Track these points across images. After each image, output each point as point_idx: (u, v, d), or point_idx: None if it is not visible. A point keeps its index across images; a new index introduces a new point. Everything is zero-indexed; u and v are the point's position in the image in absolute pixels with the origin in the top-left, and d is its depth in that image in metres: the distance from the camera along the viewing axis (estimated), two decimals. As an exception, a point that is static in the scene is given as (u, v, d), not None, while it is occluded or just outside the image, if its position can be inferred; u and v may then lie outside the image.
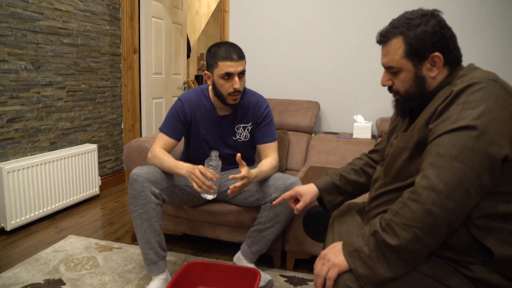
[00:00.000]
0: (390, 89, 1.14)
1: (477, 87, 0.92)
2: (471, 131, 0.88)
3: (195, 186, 1.60)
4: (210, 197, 1.64)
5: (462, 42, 1.13)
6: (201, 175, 1.59)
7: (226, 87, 1.74)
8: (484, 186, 0.89)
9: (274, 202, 1.45)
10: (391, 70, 1.10)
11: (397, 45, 1.07)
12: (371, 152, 1.45)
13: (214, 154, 1.64)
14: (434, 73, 1.05)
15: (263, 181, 1.82)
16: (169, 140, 1.84)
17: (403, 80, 1.09)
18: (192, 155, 2.02)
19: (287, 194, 1.43)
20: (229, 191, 1.64)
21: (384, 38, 1.10)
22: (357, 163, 1.44)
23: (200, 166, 1.62)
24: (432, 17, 1.05)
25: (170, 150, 1.85)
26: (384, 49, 1.11)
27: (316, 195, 1.40)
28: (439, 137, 0.92)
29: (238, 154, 1.62)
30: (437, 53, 1.04)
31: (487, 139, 0.87)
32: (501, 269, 0.94)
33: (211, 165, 1.62)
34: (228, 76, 1.72)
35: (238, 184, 1.62)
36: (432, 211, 0.87)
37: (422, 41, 1.03)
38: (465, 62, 1.09)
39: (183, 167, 1.69)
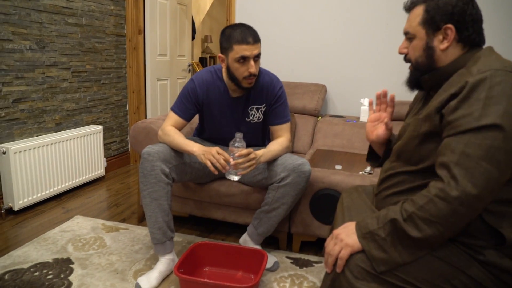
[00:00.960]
0: (405, 58, 1.15)
1: (496, 81, 0.90)
2: (497, 130, 0.87)
3: (209, 164, 1.61)
4: (236, 178, 1.64)
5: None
6: (217, 155, 1.59)
7: (241, 71, 1.70)
8: (505, 180, 0.90)
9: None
10: (407, 36, 1.12)
11: (418, 12, 1.08)
12: None
13: (239, 135, 1.63)
14: (444, 46, 1.04)
15: (272, 160, 1.82)
16: (179, 120, 1.85)
17: (415, 47, 1.10)
18: (205, 133, 2.03)
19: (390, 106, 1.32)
20: (233, 167, 1.62)
21: (411, 5, 1.12)
22: None
23: (217, 148, 1.63)
24: None
25: (180, 129, 1.86)
26: (408, 17, 1.13)
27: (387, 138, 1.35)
28: (462, 134, 0.90)
29: (230, 147, 1.62)
30: (450, 25, 1.02)
31: None
32: None
33: (236, 146, 1.62)
34: (244, 59, 1.67)
35: (241, 160, 1.60)
36: (458, 211, 0.88)
37: (439, 11, 1.03)
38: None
39: (194, 146, 1.70)
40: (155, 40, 3.55)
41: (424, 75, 1.10)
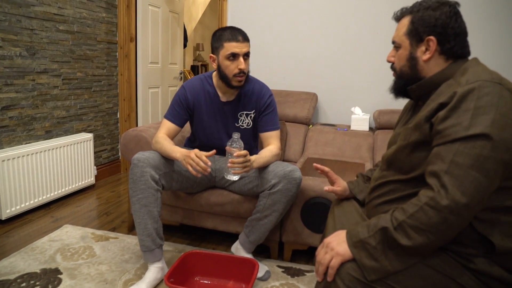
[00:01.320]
0: (392, 66, 1.19)
1: (484, 92, 0.92)
2: (486, 139, 0.88)
3: (190, 168, 1.62)
4: (235, 177, 1.65)
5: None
6: (196, 158, 1.60)
7: (231, 68, 1.77)
8: (494, 189, 0.91)
9: (326, 189, 1.41)
10: (394, 45, 1.16)
11: (404, 22, 1.12)
12: None
13: (236, 135, 1.65)
14: (426, 57, 1.08)
15: (262, 168, 1.82)
16: (172, 126, 1.89)
17: (400, 56, 1.14)
18: (197, 142, 2.05)
19: (327, 168, 1.41)
20: (228, 165, 1.60)
21: (399, 15, 1.16)
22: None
23: (196, 150, 1.64)
24: (446, 6, 1.07)
25: (173, 136, 1.90)
26: (396, 26, 1.17)
27: (347, 195, 1.42)
28: (451, 143, 0.92)
29: (227, 147, 1.62)
30: (431, 37, 1.06)
31: (502, 147, 0.88)
32: (502, 261, 0.95)
33: (234, 146, 1.62)
34: (234, 57, 1.75)
35: (238, 160, 1.59)
36: (448, 219, 0.88)
37: (423, 23, 1.07)
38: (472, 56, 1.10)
39: (178, 151, 1.71)
40: (146, 48, 3.55)
41: (408, 84, 1.14)
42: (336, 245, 1.00)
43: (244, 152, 1.60)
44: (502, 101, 0.90)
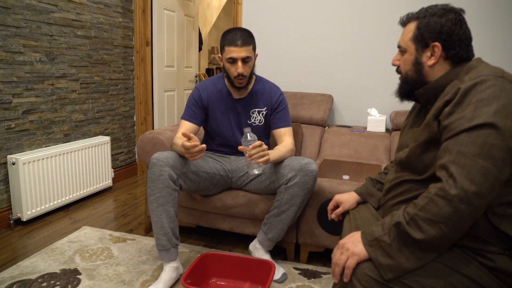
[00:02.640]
0: (397, 69, 1.20)
1: (487, 85, 0.93)
2: (490, 128, 0.89)
3: (194, 159, 1.63)
4: (256, 171, 1.67)
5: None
6: (189, 150, 1.59)
7: (232, 71, 1.85)
8: (505, 179, 0.90)
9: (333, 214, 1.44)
10: (400, 49, 1.18)
11: (411, 28, 1.14)
12: None
13: (248, 130, 1.67)
14: (431, 62, 1.10)
15: (278, 163, 1.84)
16: (190, 126, 1.93)
17: (405, 61, 1.16)
18: (211, 142, 2.08)
19: (330, 205, 1.45)
20: (248, 159, 1.61)
21: (405, 20, 1.17)
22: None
23: (183, 141, 1.62)
24: (451, 12, 1.08)
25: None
26: (402, 31, 1.19)
27: (357, 201, 1.41)
28: (457, 135, 0.93)
29: (240, 146, 1.64)
30: (437, 43, 1.08)
31: (507, 134, 0.88)
32: None
33: (249, 139, 1.65)
34: (233, 60, 1.82)
35: (254, 150, 1.60)
36: (459, 209, 0.87)
37: (429, 29, 1.09)
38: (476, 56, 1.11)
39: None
40: (162, 52, 3.59)
41: (414, 88, 1.16)
42: (351, 245, 1.00)
43: (258, 142, 1.63)
44: (504, 93, 0.91)
